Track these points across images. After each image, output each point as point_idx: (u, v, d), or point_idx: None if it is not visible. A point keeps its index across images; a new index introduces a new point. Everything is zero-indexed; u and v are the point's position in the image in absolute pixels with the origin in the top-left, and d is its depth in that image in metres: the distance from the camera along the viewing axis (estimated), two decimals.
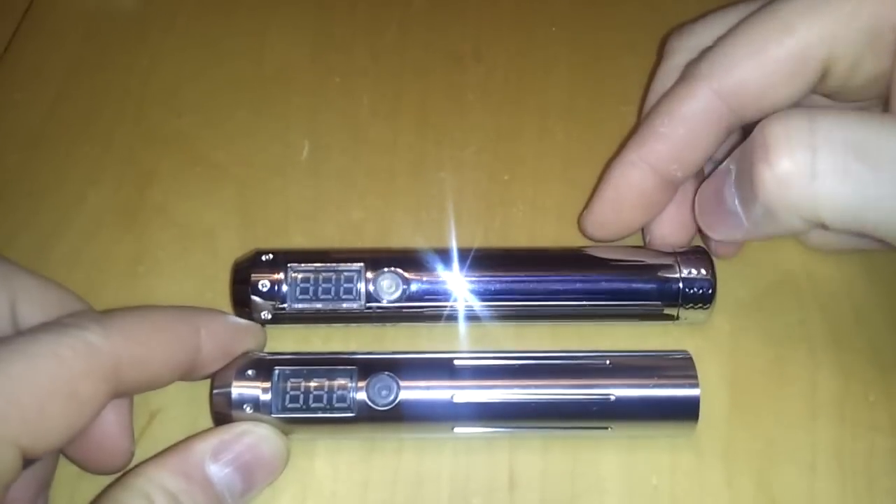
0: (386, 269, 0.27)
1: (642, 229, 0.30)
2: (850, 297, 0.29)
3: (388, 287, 0.27)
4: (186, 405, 0.27)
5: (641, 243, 0.30)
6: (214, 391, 0.25)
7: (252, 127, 0.35)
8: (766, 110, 0.25)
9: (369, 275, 0.27)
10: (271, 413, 0.24)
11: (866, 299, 0.29)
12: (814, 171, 0.22)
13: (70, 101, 0.35)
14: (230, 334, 0.26)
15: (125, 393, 0.23)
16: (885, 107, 0.25)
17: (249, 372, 0.25)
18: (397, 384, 0.25)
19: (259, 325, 0.27)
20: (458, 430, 0.25)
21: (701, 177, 0.29)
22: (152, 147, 0.34)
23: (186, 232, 0.31)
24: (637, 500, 0.25)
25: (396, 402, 0.25)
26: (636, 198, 0.28)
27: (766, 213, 0.23)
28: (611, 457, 0.26)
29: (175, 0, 0.39)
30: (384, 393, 0.25)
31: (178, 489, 0.22)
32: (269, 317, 0.27)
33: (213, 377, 0.25)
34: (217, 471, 0.23)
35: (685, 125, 0.26)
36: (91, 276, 0.30)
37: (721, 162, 0.26)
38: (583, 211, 0.30)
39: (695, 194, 0.28)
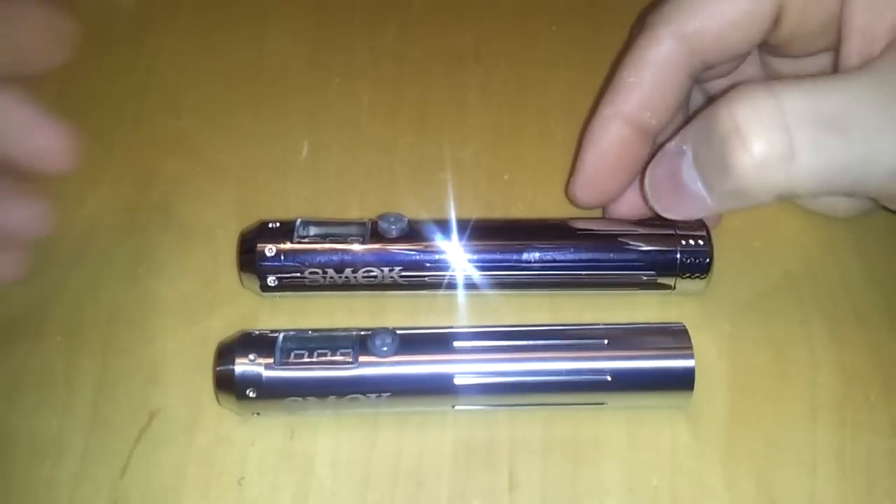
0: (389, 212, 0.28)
1: (602, 211, 0.30)
2: (850, 297, 0.29)
3: (393, 221, 0.27)
4: (186, 405, 0.27)
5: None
6: (218, 367, 0.25)
7: (252, 128, 0.35)
8: (727, 53, 0.27)
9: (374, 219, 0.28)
10: (276, 366, 0.25)
11: (866, 300, 0.29)
12: (791, 151, 0.22)
13: (69, 102, 0.35)
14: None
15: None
16: (835, 58, 0.26)
17: (253, 336, 0.25)
18: (398, 338, 0.25)
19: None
20: (458, 380, 0.25)
21: None
22: (152, 148, 0.34)
23: (186, 232, 0.31)
24: (637, 500, 0.25)
25: (397, 352, 0.25)
26: (618, 152, 0.28)
27: (737, 194, 0.23)
28: (611, 457, 0.26)
29: (175, 0, 0.39)
30: (385, 346, 0.25)
31: None
32: (274, 253, 0.27)
33: (216, 351, 0.26)
34: None
35: (651, 71, 0.27)
36: (91, 276, 0.30)
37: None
38: (568, 180, 0.30)
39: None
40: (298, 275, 0.27)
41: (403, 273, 0.28)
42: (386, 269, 0.28)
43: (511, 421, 0.27)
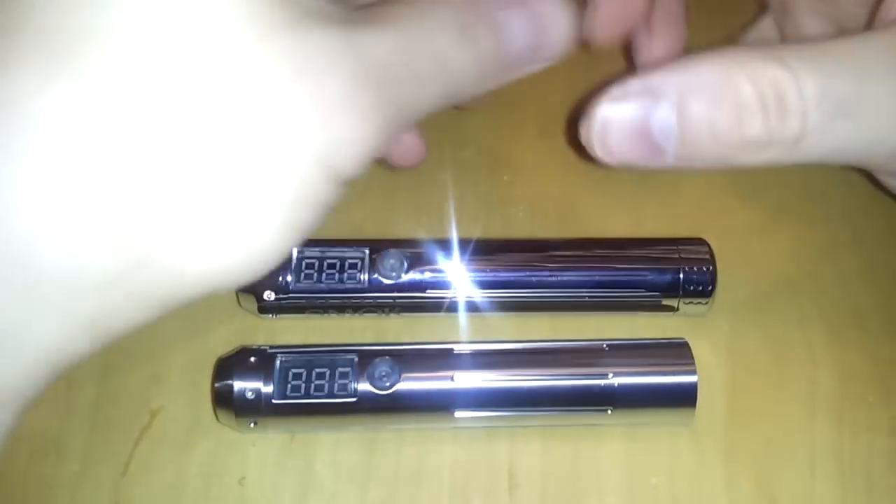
0: (389, 249, 0.28)
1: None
2: (848, 297, 0.29)
3: (392, 265, 0.27)
4: (188, 405, 0.27)
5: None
6: (216, 384, 0.25)
7: None
8: None
9: (373, 255, 0.28)
10: (273, 399, 0.25)
11: (865, 300, 0.29)
12: (803, 134, 0.21)
13: None
14: None
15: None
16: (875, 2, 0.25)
17: (252, 359, 0.25)
18: (398, 368, 0.25)
19: None
20: (458, 413, 0.25)
21: None
22: None
23: None
24: (636, 500, 0.25)
25: (397, 384, 0.25)
26: None
27: (713, 159, 0.22)
28: (610, 457, 0.26)
29: None
30: (385, 377, 0.25)
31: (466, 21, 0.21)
32: (273, 298, 0.27)
33: (215, 367, 0.26)
34: (506, 17, 0.22)
35: None
36: None
37: None
38: (584, 16, 0.28)
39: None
40: (298, 306, 0.28)
41: (403, 311, 0.28)
42: (386, 309, 0.28)
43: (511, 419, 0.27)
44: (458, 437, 0.26)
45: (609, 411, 0.25)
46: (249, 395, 0.25)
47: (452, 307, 0.28)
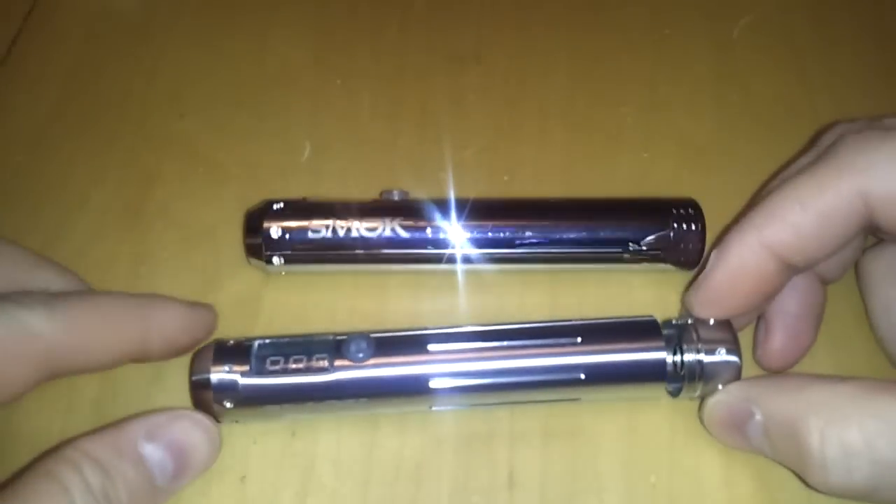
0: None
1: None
2: (848, 298, 0.30)
3: (392, 192, 0.29)
4: (189, 404, 0.27)
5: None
6: (193, 377, 0.25)
7: (254, 128, 0.35)
8: None
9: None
10: (252, 374, 0.25)
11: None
12: (855, 484, 0.22)
13: (73, 103, 0.36)
14: (179, 325, 0.26)
15: (60, 375, 0.24)
16: None
17: (230, 342, 0.25)
18: (373, 343, 0.25)
19: (211, 313, 0.27)
20: (434, 384, 0.25)
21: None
22: (155, 148, 0.34)
23: (188, 232, 0.31)
24: (635, 498, 0.25)
25: (372, 357, 0.25)
26: (753, 282, 0.25)
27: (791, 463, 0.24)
28: (609, 455, 0.26)
29: (177, 2, 0.40)
30: (360, 352, 0.25)
31: (109, 462, 0.22)
32: (282, 206, 0.28)
33: (191, 360, 0.26)
34: (150, 451, 0.23)
35: (820, 220, 0.24)
36: (94, 275, 0.30)
37: None
38: (688, 288, 0.27)
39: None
40: (303, 225, 0.28)
41: (403, 223, 0.28)
42: (387, 220, 0.28)
43: (510, 418, 0.27)
44: (459, 434, 0.27)
45: (582, 376, 0.25)
46: (226, 376, 0.25)
47: (447, 260, 0.29)
